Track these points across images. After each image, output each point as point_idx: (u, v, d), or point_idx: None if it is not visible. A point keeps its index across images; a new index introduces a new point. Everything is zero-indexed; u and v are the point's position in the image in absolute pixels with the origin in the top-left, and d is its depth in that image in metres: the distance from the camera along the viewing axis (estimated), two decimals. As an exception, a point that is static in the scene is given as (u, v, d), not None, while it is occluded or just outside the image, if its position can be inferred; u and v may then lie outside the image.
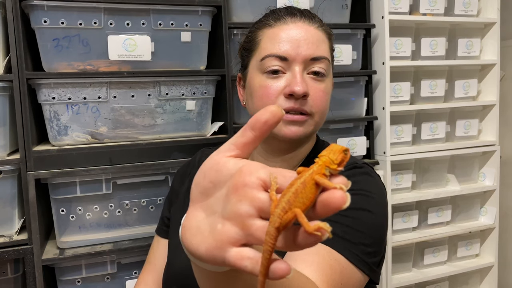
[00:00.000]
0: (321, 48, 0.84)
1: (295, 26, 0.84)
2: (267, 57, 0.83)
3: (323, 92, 0.84)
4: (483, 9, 1.84)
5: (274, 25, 0.86)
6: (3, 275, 1.18)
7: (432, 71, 1.74)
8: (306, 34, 0.83)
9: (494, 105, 1.84)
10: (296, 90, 0.80)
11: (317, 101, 0.83)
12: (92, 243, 1.24)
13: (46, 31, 1.17)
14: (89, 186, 1.22)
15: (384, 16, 1.59)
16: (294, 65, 0.83)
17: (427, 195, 1.70)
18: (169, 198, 1.06)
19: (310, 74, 0.84)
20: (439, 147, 1.73)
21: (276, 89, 0.83)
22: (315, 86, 0.83)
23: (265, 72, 0.84)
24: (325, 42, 0.87)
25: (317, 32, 0.85)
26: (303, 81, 0.82)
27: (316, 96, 0.83)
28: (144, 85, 1.27)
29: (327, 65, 0.85)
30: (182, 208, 0.95)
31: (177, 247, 0.88)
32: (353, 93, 1.59)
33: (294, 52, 0.82)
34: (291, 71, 0.83)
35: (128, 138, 1.27)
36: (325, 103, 0.85)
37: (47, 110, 1.19)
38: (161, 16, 1.26)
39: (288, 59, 0.82)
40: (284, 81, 0.83)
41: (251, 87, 0.87)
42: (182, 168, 1.07)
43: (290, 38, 0.83)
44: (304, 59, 0.82)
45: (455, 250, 1.85)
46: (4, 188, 1.15)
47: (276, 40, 0.84)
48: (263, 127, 0.42)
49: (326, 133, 1.54)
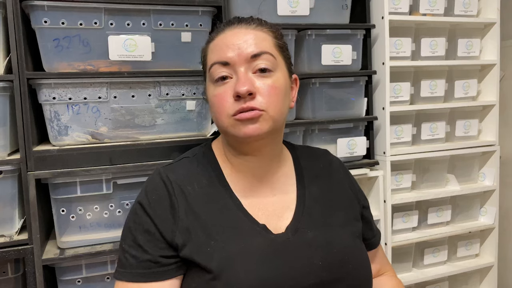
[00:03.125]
0: (261, 45, 0.87)
1: (232, 33, 0.89)
2: (212, 66, 0.88)
3: (270, 86, 0.86)
4: (483, 9, 1.84)
5: (216, 37, 0.91)
6: (3, 275, 1.18)
7: (432, 71, 1.74)
8: (244, 36, 0.87)
9: (494, 105, 1.84)
10: (240, 90, 0.83)
11: (266, 96, 0.85)
12: (92, 243, 1.24)
13: (47, 31, 1.17)
14: (89, 186, 1.22)
15: (384, 16, 1.59)
16: (238, 67, 0.86)
17: (427, 195, 1.71)
18: (151, 232, 0.86)
19: (257, 72, 0.86)
20: (439, 147, 1.74)
21: (225, 94, 0.86)
22: (261, 82, 0.85)
23: (214, 81, 0.88)
24: (267, 39, 0.89)
25: (255, 31, 0.89)
26: (246, 80, 0.84)
27: (263, 91, 0.85)
28: (145, 85, 1.27)
29: (271, 59, 0.87)
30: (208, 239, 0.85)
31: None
32: (353, 93, 1.59)
33: (234, 54, 0.85)
34: (236, 74, 0.86)
35: (128, 138, 1.27)
36: (275, 97, 0.86)
37: (48, 110, 1.19)
38: (161, 16, 1.26)
39: (230, 63, 0.86)
40: (231, 84, 0.86)
41: (209, 99, 0.92)
42: (156, 200, 0.89)
43: (229, 43, 0.87)
44: (245, 59, 0.85)
45: (455, 250, 1.85)
46: (4, 188, 1.16)
47: (217, 49, 0.88)
48: None
49: (326, 133, 1.54)
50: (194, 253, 0.84)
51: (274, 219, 0.90)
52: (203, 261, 0.83)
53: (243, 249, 0.84)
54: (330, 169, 1.04)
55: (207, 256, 0.83)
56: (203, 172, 0.93)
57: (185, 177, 0.91)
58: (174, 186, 0.89)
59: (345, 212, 0.97)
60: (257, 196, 0.93)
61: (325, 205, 0.95)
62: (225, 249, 0.84)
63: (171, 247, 0.86)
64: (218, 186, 0.92)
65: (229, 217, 0.88)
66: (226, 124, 0.87)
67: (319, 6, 1.51)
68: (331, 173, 1.03)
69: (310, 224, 0.91)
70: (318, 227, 0.91)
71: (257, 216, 0.89)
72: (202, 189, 0.91)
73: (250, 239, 0.85)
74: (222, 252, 0.84)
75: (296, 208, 0.93)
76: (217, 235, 0.85)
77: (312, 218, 0.92)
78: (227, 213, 0.89)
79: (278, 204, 0.93)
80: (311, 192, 0.96)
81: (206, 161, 0.96)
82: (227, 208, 0.89)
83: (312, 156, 1.05)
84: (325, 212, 0.94)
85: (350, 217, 0.97)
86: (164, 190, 0.89)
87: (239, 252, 0.84)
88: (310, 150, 1.08)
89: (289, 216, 0.91)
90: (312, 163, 1.02)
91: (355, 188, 1.05)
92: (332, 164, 1.05)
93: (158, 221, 0.86)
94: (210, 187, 0.91)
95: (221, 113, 0.87)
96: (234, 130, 0.86)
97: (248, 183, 0.93)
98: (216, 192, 0.91)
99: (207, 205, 0.89)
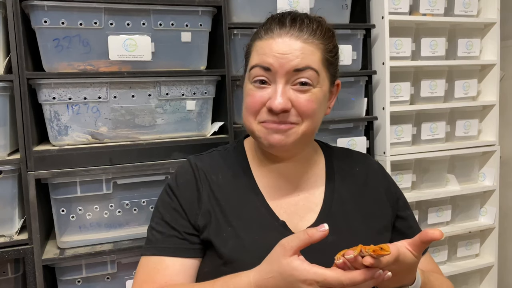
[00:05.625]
0: (307, 59, 0.84)
1: (282, 41, 0.85)
2: (253, 67, 0.86)
3: (307, 101, 0.85)
4: (483, 9, 1.84)
5: (263, 38, 0.88)
6: (3, 275, 1.18)
7: (432, 71, 1.74)
8: (290, 48, 0.84)
9: (494, 105, 1.84)
10: (274, 107, 0.82)
11: (301, 111, 0.84)
12: (92, 243, 1.24)
13: (47, 31, 1.17)
14: (89, 186, 1.22)
15: (384, 16, 1.59)
16: (278, 78, 0.84)
17: (427, 195, 1.71)
18: (178, 211, 0.91)
19: (296, 85, 0.84)
20: (439, 147, 1.74)
21: (260, 100, 0.85)
22: (299, 96, 0.84)
23: (252, 81, 0.87)
24: (315, 54, 0.86)
25: (305, 44, 0.85)
26: (283, 95, 0.83)
27: (300, 106, 0.84)
28: (145, 85, 1.27)
29: (314, 76, 0.85)
30: (220, 230, 0.87)
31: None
32: (353, 93, 1.59)
33: (277, 63, 0.84)
34: (275, 84, 0.85)
35: (128, 138, 1.27)
36: (311, 111, 0.85)
37: (48, 110, 1.19)
38: (161, 16, 1.26)
39: (271, 70, 0.84)
40: (268, 93, 0.85)
41: (244, 91, 0.92)
42: (184, 183, 0.93)
43: (274, 51, 0.84)
44: (287, 71, 0.83)
45: (455, 250, 1.85)
46: (4, 188, 1.16)
47: (263, 51, 0.86)
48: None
49: (326, 133, 1.54)
50: (212, 235, 0.87)
51: (295, 219, 0.90)
52: (218, 245, 0.85)
53: (257, 240, 0.85)
54: (367, 174, 0.99)
55: (222, 241, 0.85)
56: (230, 164, 0.95)
57: (211, 167, 0.94)
58: (200, 173, 0.93)
59: (374, 220, 0.93)
60: (281, 193, 0.92)
61: (353, 211, 0.93)
62: (239, 237, 0.85)
63: (194, 228, 0.89)
64: (244, 179, 0.93)
65: (249, 209, 0.89)
66: (254, 127, 0.87)
67: (319, 6, 1.50)
68: (366, 178, 0.98)
69: (332, 228, 0.86)
70: (340, 232, 0.88)
71: (278, 213, 0.90)
72: (226, 179, 0.92)
73: (265, 232, 0.86)
74: (236, 239, 0.85)
75: (321, 210, 0.91)
76: (234, 222, 0.87)
77: (336, 222, 0.89)
78: (248, 204, 0.90)
79: (302, 205, 0.92)
80: (340, 196, 0.94)
81: (235, 155, 0.97)
82: (249, 201, 0.90)
83: (348, 159, 1.01)
84: (351, 217, 0.92)
85: (378, 226, 0.93)
86: (192, 175, 0.93)
87: (252, 242, 0.84)
88: (348, 153, 1.05)
89: (312, 218, 0.90)
90: (347, 166, 0.99)
91: (392, 196, 0.99)
92: (369, 169, 1.00)
93: (184, 202, 0.90)
94: (235, 179, 0.93)
95: (251, 115, 0.87)
96: (260, 137, 0.87)
97: (274, 180, 0.93)
98: (241, 184, 0.92)
99: (229, 194, 0.91)
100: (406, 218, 1.00)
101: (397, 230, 0.98)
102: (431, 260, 1.05)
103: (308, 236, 0.70)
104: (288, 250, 0.70)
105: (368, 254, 0.66)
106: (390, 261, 0.68)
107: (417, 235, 0.72)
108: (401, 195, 1.02)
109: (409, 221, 1.00)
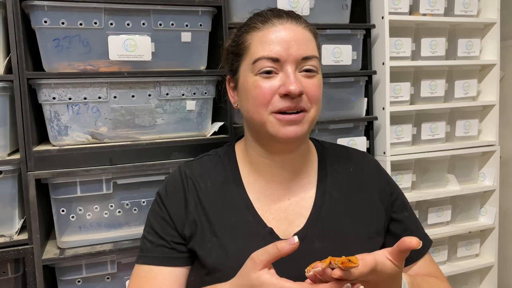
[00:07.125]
0: (310, 47, 0.87)
1: (283, 27, 0.86)
2: (259, 59, 0.85)
3: (316, 86, 0.87)
4: (483, 9, 1.84)
5: (263, 27, 0.87)
6: (3, 275, 1.18)
7: (432, 71, 1.74)
8: (296, 35, 0.86)
9: (494, 105, 1.84)
10: (292, 90, 0.82)
11: (312, 96, 0.86)
12: (92, 243, 1.24)
13: (47, 31, 1.17)
14: (89, 186, 1.22)
15: (384, 16, 1.59)
16: (286, 65, 0.84)
17: (427, 195, 1.71)
18: (166, 220, 0.91)
19: (302, 72, 0.86)
20: (439, 147, 1.74)
21: (270, 89, 0.84)
22: (308, 81, 0.86)
23: (258, 73, 0.85)
24: (313, 41, 0.89)
25: (305, 32, 0.88)
26: (297, 80, 0.84)
27: (310, 91, 0.86)
28: (144, 85, 1.27)
29: (317, 62, 0.88)
30: (204, 241, 0.88)
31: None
32: (353, 93, 1.59)
33: (285, 53, 0.84)
34: (283, 71, 0.85)
35: (128, 138, 1.27)
36: (319, 97, 0.88)
37: (48, 110, 1.19)
38: (161, 16, 1.26)
39: (280, 60, 0.84)
40: (278, 80, 0.84)
41: (245, 88, 0.88)
42: (172, 192, 0.93)
43: (280, 39, 0.85)
44: (296, 59, 0.85)
45: (455, 250, 1.85)
46: (4, 188, 1.16)
47: (266, 42, 0.85)
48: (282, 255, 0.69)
49: (326, 133, 1.54)
50: (197, 246, 0.87)
51: (284, 225, 0.89)
52: (202, 255, 0.86)
53: (241, 250, 0.83)
54: (362, 174, 0.97)
55: (206, 251, 0.85)
56: (220, 170, 0.94)
57: (200, 174, 0.94)
58: (188, 181, 0.92)
59: (365, 225, 0.92)
60: (271, 199, 0.91)
61: (343, 214, 0.91)
62: (223, 247, 0.85)
63: (181, 238, 0.90)
64: (233, 185, 0.92)
65: (236, 217, 0.88)
66: (264, 119, 0.85)
67: (319, 6, 1.51)
68: (361, 179, 0.96)
69: (321, 234, 0.87)
70: (329, 238, 0.87)
71: (266, 220, 0.88)
72: (215, 187, 0.92)
73: (250, 241, 0.85)
74: (220, 250, 0.85)
75: (310, 215, 0.90)
76: (219, 232, 0.86)
77: (325, 227, 0.88)
78: (235, 213, 0.89)
79: (292, 209, 0.91)
80: (331, 198, 0.92)
81: (225, 160, 0.96)
82: (237, 208, 0.89)
83: (342, 158, 0.99)
84: (341, 222, 0.90)
85: (369, 231, 0.92)
86: (180, 184, 0.93)
87: (236, 251, 0.84)
88: (344, 151, 1.02)
89: (301, 223, 0.89)
90: (340, 166, 0.97)
91: (387, 198, 0.96)
92: (365, 169, 0.98)
93: (172, 212, 0.91)
94: (224, 186, 0.92)
95: (261, 106, 0.85)
96: (272, 129, 0.85)
97: (264, 185, 0.92)
98: (229, 191, 0.91)
99: (216, 203, 0.90)
100: (401, 221, 0.97)
101: (392, 233, 0.96)
102: (431, 263, 1.01)
103: (278, 249, 0.69)
104: (258, 264, 0.70)
105: (337, 266, 0.65)
106: (364, 272, 0.66)
107: (396, 244, 0.70)
108: (398, 195, 0.99)
109: (405, 224, 0.97)
